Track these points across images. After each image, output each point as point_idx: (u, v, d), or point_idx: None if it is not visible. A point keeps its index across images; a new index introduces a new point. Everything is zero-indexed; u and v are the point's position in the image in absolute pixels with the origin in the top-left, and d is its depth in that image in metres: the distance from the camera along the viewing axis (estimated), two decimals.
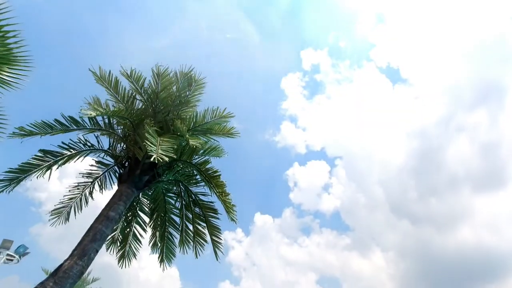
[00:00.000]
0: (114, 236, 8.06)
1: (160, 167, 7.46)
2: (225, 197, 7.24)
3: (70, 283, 5.27)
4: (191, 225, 8.00)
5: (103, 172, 7.88)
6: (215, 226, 7.63)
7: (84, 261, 5.47)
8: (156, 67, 7.70)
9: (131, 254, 8.20)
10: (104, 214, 6.11)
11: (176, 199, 8.39)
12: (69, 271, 5.20)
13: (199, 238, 7.86)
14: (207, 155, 7.98)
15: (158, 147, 5.68)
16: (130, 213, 8.33)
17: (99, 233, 5.80)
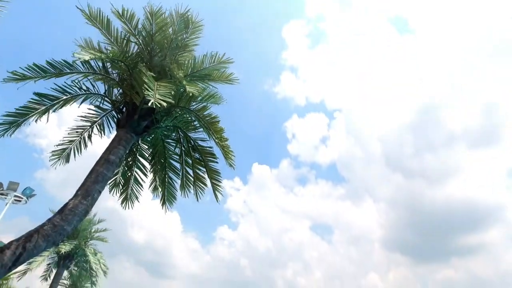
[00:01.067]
0: (116, 180, 8.31)
1: (158, 113, 7.42)
2: (224, 143, 7.33)
3: (77, 220, 5.55)
4: (191, 170, 8.21)
5: (101, 116, 7.85)
6: (214, 170, 7.85)
7: (88, 200, 5.69)
8: (148, 6, 7.22)
9: (133, 197, 8.55)
10: (104, 157, 6.22)
11: (176, 145, 8.49)
12: (75, 209, 5.45)
13: (199, 182, 8.13)
14: (205, 101, 7.89)
15: (155, 92, 5.57)
16: (130, 158, 8.49)
17: (101, 175, 5.95)
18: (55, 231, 5.10)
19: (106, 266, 17.65)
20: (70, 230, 5.48)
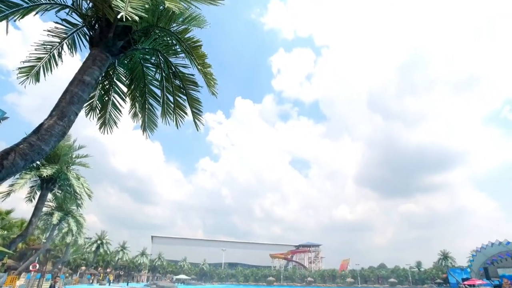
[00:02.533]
0: (92, 104, 8.02)
1: (135, 32, 6.86)
2: (206, 69, 7.02)
3: (54, 141, 5.44)
4: (172, 97, 8.00)
5: (70, 32, 7.17)
6: (195, 99, 7.67)
7: (65, 122, 5.52)
8: None
9: (112, 122, 8.38)
10: (78, 78, 5.86)
11: (156, 70, 8.09)
12: (51, 130, 5.30)
13: (180, 110, 7.99)
14: (187, 23, 7.29)
15: (127, 4, 5.02)
16: (107, 81, 8.09)
17: (76, 96, 5.68)
18: (32, 150, 5.03)
19: (90, 190, 18.18)
20: (48, 151, 5.40)
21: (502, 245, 59.72)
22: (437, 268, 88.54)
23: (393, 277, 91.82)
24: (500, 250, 60.92)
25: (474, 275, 61.93)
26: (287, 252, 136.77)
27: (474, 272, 63.37)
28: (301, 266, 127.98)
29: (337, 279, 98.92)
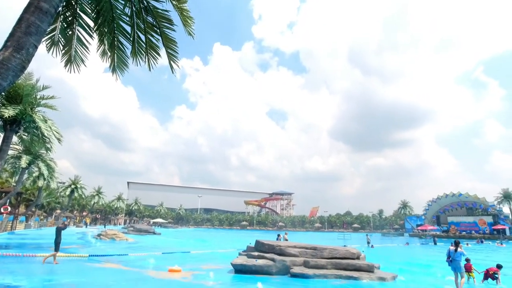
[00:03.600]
0: (54, 38, 7.25)
1: None
2: (182, 5, 6.42)
3: (12, 76, 4.94)
4: (143, 36, 7.38)
5: None
6: (170, 38, 7.11)
7: (22, 54, 4.97)
8: None
9: (78, 60, 7.71)
10: (34, 4, 5.15)
11: (125, 3, 7.30)
12: (7, 63, 4.77)
13: (152, 50, 7.43)
14: None
15: None
16: (69, 13, 7.25)
17: (33, 25, 5.05)
18: None
19: (59, 133, 17.44)
20: (6, 86, 4.91)
21: (455, 196, 65.88)
22: (396, 215, 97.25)
23: (356, 223, 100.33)
24: (453, 200, 67.35)
25: (428, 222, 68.86)
26: (261, 199, 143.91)
27: (427, 219, 70.34)
28: (274, 212, 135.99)
29: (306, 224, 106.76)
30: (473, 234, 59.75)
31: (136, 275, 10.85)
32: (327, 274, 11.12)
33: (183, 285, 9.53)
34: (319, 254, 12.17)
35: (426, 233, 60.35)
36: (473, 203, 64.77)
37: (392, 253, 24.72)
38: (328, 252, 12.22)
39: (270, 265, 11.67)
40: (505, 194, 65.65)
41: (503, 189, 66.28)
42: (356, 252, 12.43)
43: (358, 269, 11.54)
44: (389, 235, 73.52)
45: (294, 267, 11.59)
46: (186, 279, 10.38)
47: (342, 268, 11.60)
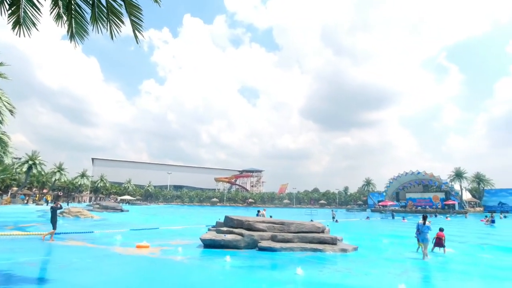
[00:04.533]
0: None
1: None
2: None
3: None
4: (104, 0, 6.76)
5: None
6: (133, 4, 6.56)
7: None
8: None
9: (29, 22, 6.94)
10: None
11: None
12: None
13: (114, 17, 6.84)
14: None
15: None
16: None
17: None
18: None
19: (11, 105, 16.07)
20: None
21: (413, 174, 70.46)
22: (360, 192, 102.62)
23: (323, 199, 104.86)
24: (411, 178, 72.08)
25: (388, 198, 73.47)
26: (231, 176, 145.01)
27: (388, 196, 74.99)
28: (244, 189, 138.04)
29: (276, 201, 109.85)
30: (427, 209, 64.85)
31: (102, 252, 10.63)
32: (293, 247, 11.58)
33: (151, 261, 9.50)
34: (286, 228, 12.59)
35: (386, 209, 64.54)
36: (429, 180, 69.77)
37: (354, 227, 26.25)
38: (295, 226, 12.67)
39: (238, 239, 11.92)
40: (456, 172, 71.22)
41: (455, 168, 71.79)
42: (321, 226, 13.01)
43: (323, 242, 12.13)
44: (353, 210, 77.76)
45: (262, 241, 11.93)
46: (154, 254, 10.35)
47: (307, 242, 12.12)
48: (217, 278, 7.55)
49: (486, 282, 7.77)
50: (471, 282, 8.09)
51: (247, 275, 7.93)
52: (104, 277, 7.24)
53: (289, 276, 7.63)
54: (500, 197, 72.44)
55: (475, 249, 13.40)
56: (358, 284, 7.01)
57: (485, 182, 73.51)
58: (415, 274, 8.43)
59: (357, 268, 8.99)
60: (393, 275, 7.95)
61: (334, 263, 9.81)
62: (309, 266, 8.95)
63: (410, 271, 8.78)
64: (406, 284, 6.45)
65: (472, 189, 76.72)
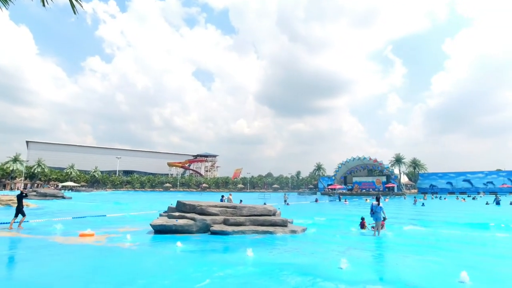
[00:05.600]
0: None
1: None
2: None
3: None
4: None
5: None
6: None
7: None
8: None
9: None
10: None
11: None
12: None
13: None
14: None
15: None
16: None
17: None
18: None
19: None
20: None
21: (360, 159, 75.52)
22: (311, 176, 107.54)
23: (276, 184, 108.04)
24: (358, 163, 77.21)
25: (337, 182, 78.05)
26: (185, 161, 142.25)
27: (337, 180, 79.63)
28: (198, 174, 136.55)
29: (230, 185, 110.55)
30: (371, 191, 70.38)
31: (39, 242, 9.79)
32: (245, 230, 11.80)
33: (96, 249, 9.01)
34: (239, 212, 12.75)
35: (334, 192, 68.65)
36: (373, 165, 75.38)
37: (304, 209, 27.55)
38: (247, 210, 12.88)
39: (190, 224, 11.80)
40: (396, 158, 78.05)
41: (396, 154, 78.69)
42: (272, 209, 13.40)
43: (274, 224, 12.53)
44: (304, 194, 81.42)
45: (214, 225, 11.96)
46: (100, 242, 9.82)
47: (259, 224, 12.42)
48: (167, 263, 7.43)
49: (419, 254, 8.71)
50: (403, 255, 8.99)
51: (199, 258, 7.92)
52: (43, 269, 6.70)
53: (240, 258, 7.78)
54: (431, 180, 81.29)
55: (410, 226, 14.89)
56: (304, 263, 7.39)
57: (420, 166, 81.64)
58: (356, 250, 9.13)
59: (305, 248, 9.48)
60: (337, 252, 8.52)
61: (284, 244, 10.21)
62: (260, 248, 9.21)
63: (352, 248, 9.48)
64: (348, 259, 6.96)
65: (409, 173, 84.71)
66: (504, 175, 73.77)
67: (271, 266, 6.93)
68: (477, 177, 76.37)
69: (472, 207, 31.66)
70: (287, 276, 6.15)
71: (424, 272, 6.77)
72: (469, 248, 9.86)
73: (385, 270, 7.32)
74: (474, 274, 6.04)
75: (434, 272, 6.73)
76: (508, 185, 70.76)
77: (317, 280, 5.80)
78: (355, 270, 6.58)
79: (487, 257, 8.60)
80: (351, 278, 5.98)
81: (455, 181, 78.50)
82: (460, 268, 6.23)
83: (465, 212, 24.89)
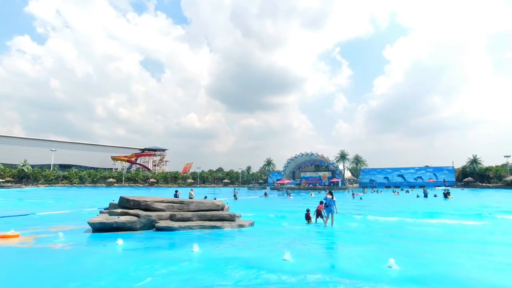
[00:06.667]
0: None
1: None
2: None
3: None
4: None
5: None
6: None
7: None
8: None
9: None
10: None
11: None
12: None
13: None
14: None
15: None
16: None
17: None
18: None
19: None
20: None
21: (308, 155, 78.79)
22: (261, 171, 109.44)
23: (227, 178, 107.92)
24: (306, 159, 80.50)
25: (286, 177, 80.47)
26: (131, 155, 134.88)
27: (286, 175, 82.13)
28: (145, 169, 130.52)
29: (179, 180, 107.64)
30: (317, 186, 74.03)
31: None
32: (192, 225, 11.57)
33: (21, 251, 8.08)
34: (186, 207, 12.45)
35: (283, 186, 70.77)
36: (320, 161, 79.23)
37: (253, 204, 27.93)
38: (194, 205, 12.64)
39: (134, 221, 11.22)
40: (341, 154, 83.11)
41: (341, 150, 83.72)
42: (220, 204, 13.32)
43: (222, 219, 12.48)
44: (254, 188, 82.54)
45: (160, 221, 11.53)
46: (25, 244, 8.83)
47: (207, 219, 12.27)
48: (104, 263, 6.94)
49: (357, 244, 9.35)
50: (342, 245, 9.59)
51: (141, 256, 7.54)
52: None
53: (185, 254, 7.59)
54: (371, 175, 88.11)
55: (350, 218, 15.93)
56: (250, 256, 7.47)
57: (361, 163, 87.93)
58: (300, 242, 9.49)
59: (251, 241, 9.60)
60: (282, 245, 8.76)
61: (231, 238, 10.22)
62: (207, 243, 9.10)
63: (297, 240, 9.84)
64: (292, 251, 7.20)
65: (352, 168, 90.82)
66: (431, 170, 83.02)
67: (216, 261, 6.88)
68: (409, 172, 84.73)
69: (404, 199, 35.02)
70: (232, 270, 6.16)
71: (359, 260, 7.28)
72: (400, 237, 10.87)
73: (326, 260, 7.73)
74: (401, 260, 6.66)
75: (367, 260, 7.27)
76: (433, 179, 79.76)
77: (261, 273, 5.89)
78: (298, 261, 6.83)
79: (415, 243, 9.56)
80: (293, 269, 6.19)
81: (391, 176, 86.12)
82: (390, 255, 6.82)
83: (398, 204, 27.43)
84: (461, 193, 47.83)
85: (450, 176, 79.57)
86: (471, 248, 8.83)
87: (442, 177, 79.86)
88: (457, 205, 25.47)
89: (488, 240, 10.33)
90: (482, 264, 7.05)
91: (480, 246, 9.24)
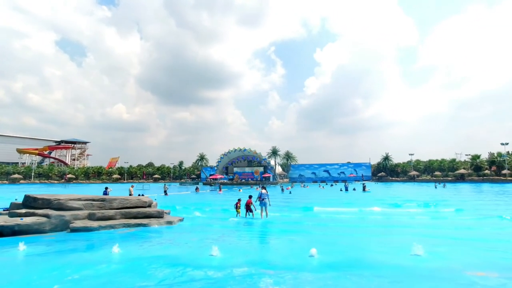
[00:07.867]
0: None
1: None
2: None
3: None
4: None
5: None
6: None
7: None
8: None
9: None
10: None
11: None
12: None
13: None
14: None
15: None
16: None
17: None
18: None
19: None
20: None
21: (241, 151, 79.78)
22: (194, 166, 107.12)
23: (158, 174, 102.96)
24: (239, 154, 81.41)
25: (219, 172, 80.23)
26: (44, 148, 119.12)
27: (219, 170, 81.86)
28: (62, 163, 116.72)
29: (103, 176, 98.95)
30: (250, 181, 75.53)
31: None
32: (115, 224, 10.70)
33: None
34: (108, 205, 11.46)
35: (215, 182, 70.45)
36: (252, 156, 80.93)
37: (184, 200, 27.18)
38: (118, 202, 11.71)
39: (42, 222, 9.88)
40: (273, 150, 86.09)
41: (272, 146, 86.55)
42: (148, 201, 12.60)
43: (149, 216, 11.81)
44: (186, 184, 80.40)
45: (75, 221, 10.38)
46: None
47: (132, 217, 11.49)
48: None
49: (283, 236, 9.76)
50: (269, 237, 9.92)
51: (49, 262, 6.66)
52: None
53: (103, 256, 6.95)
54: (300, 171, 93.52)
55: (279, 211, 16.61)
56: (176, 253, 7.21)
57: (291, 158, 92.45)
58: (229, 237, 9.52)
59: (179, 238, 9.28)
60: (211, 240, 8.65)
61: (158, 236, 9.73)
62: (130, 242, 8.51)
63: (226, 235, 9.85)
64: (220, 246, 7.15)
65: (283, 164, 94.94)
66: (352, 166, 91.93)
67: (139, 261, 6.46)
68: (334, 168, 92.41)
69: (329, 193, 37.99)
70: (156, 269, 5.84)
71: (285, 251, 7.61)
72: (323, 226, 11.72)
73: (253, 253, 7.87)
74: (322, 248, 7.15)
75: (292, 250, 7.65)
76: (354, 174, 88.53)
77: (187, 270, 5.72)
78: (225, 256, 6.81)
79: (335, 231, 10.39)
80: (220, 264, 6.16)
81: (318, 171, 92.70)
82: (313, 244, 7.27)
83: (323, 198, 29.63)
84: (375, 186, 54.02)
85: (368, 172, 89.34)
86: (378, 232, 9.98)
87: (361, 172, 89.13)
88: (372, 196, 28.69)
89: (391, 225, 11.82)
90: (382, 247, 8.00)
91: (384, 230, 10.51)
